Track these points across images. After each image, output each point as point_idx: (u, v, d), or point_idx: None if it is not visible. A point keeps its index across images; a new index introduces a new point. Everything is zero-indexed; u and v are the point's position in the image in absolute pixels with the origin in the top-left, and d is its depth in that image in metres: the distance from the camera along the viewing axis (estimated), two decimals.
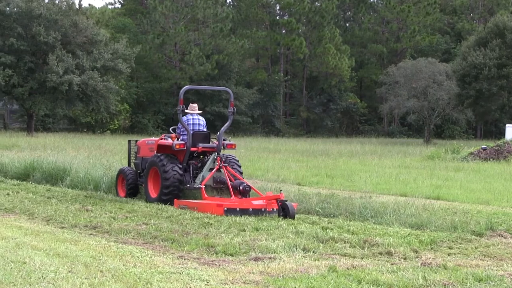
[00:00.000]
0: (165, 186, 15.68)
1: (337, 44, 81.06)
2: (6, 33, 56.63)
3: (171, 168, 15.74)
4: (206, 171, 15.98)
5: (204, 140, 16.66)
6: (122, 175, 17.56)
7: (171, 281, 8.40)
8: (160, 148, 16.53)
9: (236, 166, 16.56)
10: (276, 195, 14.35)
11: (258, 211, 14.08)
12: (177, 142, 16.16)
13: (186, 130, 16.40)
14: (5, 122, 77.09)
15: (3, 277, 8.27)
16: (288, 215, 13.70)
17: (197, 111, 17.28)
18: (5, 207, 14.91)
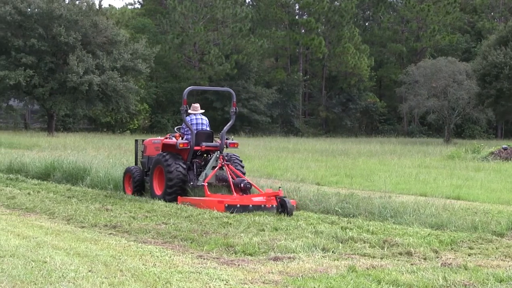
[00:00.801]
0: (169, 184, 16.16)
1: (356, 44, 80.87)
2: (27, 33, 56.96)
3: (175, 166, 16.21)
4: (209, 169, 16.45)
5: (208, 139, 17.09)
6: (129, 174, 18.00)
7: (191, 281, 8.41)
8: (165, 147, 17.02)
9: (238, 164, 16.92)
10: (275, 192, 14.84)
11: (258, 207, 14.57)
12: (181, 141, 16.67)
13: (189, 129, 16.81)
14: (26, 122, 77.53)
15: (24, 276, 8.32)
16: (286, 211, 14.13)
17: (199, 111, 17.63)
18: (26, 206, 15.00)
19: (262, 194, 15.33)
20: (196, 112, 17.51)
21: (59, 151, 29.47)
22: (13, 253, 9.67)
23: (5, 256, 9.48)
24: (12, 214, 14.06)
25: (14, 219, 13.33)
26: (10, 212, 14.37)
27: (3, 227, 12.19)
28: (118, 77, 56.96)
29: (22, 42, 55.95)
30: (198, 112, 17.56)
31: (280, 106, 78.87)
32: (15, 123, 74.75)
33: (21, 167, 23.20)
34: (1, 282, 8.05)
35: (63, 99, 57.34)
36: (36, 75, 55.92)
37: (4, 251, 9.77)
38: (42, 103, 60.31)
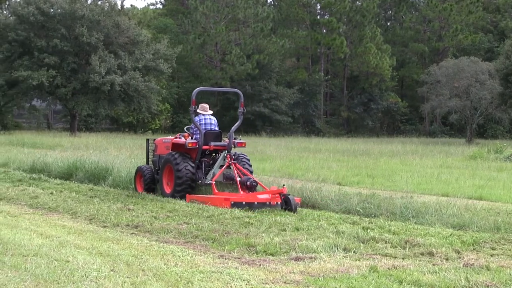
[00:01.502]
0: (178, 182, 16.60)
1: (378, 44, 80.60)
2: (50, 34, 57.35)
3: (184, 165, 16.67)
4: (216, 168, 16.87)
5: (216, 139, 17.45)
6: (140, 172, 18.44)
7: (212, 281, 8.43)
8: (175, 146, 17.47)
9: (246, 163, 17.31)
10: (279, 189, 15.27)
11: (263, 204, 14.96)
12: (190, 141, 17.11)
13: (198, 129, 17.22)
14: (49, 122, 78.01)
15: (47, 275, 8.38)
16: (290, 208, 14.59)
17: (208, 111, 18.01)
18: (49, 206, 15.09)
19: (267, 192, 15.64)
20: (205, 113, 17.88)
21: (81, 151, 29.64)
22: (36, 252, 9.74)
23: (29, 255, 9.55)
24: (35, 214, 14.16)
25: (37, 219, 13.42)
26: (33, 212, 14.47)
27: (26, 226, 12.28)
28: (140, 77, 57.22)
29: (45, 42, 56.35)
30: (207, 112, 17.94)
31: (302, 106, 78.80)
32: (38, 123, 75.21)
33: (44, 167, 23.34)
34: (24, 280, 8.12)
35: (85, 99, 57.68)
36: (59, 75, 56.29)
37: (28, 250, 9.84)
38: (64, 103, 60.70)
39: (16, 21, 57.45)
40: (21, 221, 13.02)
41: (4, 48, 57.17)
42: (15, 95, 58.85)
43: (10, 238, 10.84)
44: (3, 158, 27.47)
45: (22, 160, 25.62)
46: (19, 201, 16.12)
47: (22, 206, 15.40)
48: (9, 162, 26.08)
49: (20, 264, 8.95)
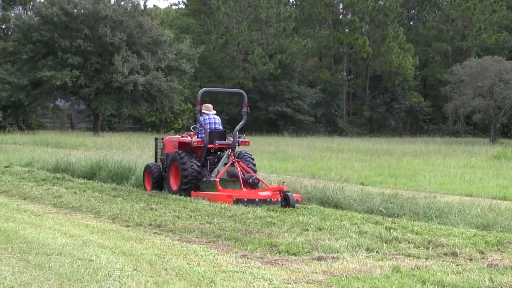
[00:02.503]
0: (184, 180, 17.15)
1: (401, 43, 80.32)
2: (74, 34, 57.70)
3: (189, 163, 17.24)
4: (221, 165, 17.44)
5: (220, 137, 18.09)
6: (148, 170, 18.96)
7: (234, 280, 8.43)
8: (181, 145, 18.08)
9: (250, 161, 17.86)
10: (279, 186, 15.91)
11: (264, 201, 15.59)
12: (195, 140, 17.64)
13: (203, 128, 17.79)
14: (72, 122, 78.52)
15: (70, 274, 8.43)
16: (289, 204, 15.04)
17: (212, 111, 18.60)
18: (73, 205, 15.17)
19: (268, 189, 16.26)
20: (209, 112, 18.45)
21: (104, 150, 29.76)
22: (60, 251, 9.80)
23: (52, 254, 9.61)
24: (58, 213, 14.24)
25: (60, 218, 13.50)
26: (57, 211, 14.55)
27: (50, 225, 12.35)
28: (163, 77, 57.42)
29: (68, 43, 56.70)
30: (211, 112, 18.52)
31: (324, 105, 78.72)
32: (62, 123, 75.75)
33: (67, 167, 23.48)
34: (48, 279, 8.17)
35: (108, 99, 57.97)
36: (82, 76, 56.62)
37: (52, 249, 9.90)
38: (88, 103, 61.05)
39: (40, 21, 57.86)
40: (45, 220, 13.10)
41: (29, 49, 57.60)
42: (39, 95, 59.28)
43: (34, 237, 10.91)
44: (27, 158, 27.68)
45: (46, 160, 25.78)
46: (43, 200, 16.22)
47: (46, 205, 15.51)
48: (33, 161, 26.26)
49: (44, 263, 9.00)
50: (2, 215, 13.49)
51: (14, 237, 10.81)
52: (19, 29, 59.62)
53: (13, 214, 13.68)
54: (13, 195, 17.29)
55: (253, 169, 17.58)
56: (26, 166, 25.75)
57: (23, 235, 11.10)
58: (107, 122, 70.11)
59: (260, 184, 17.01)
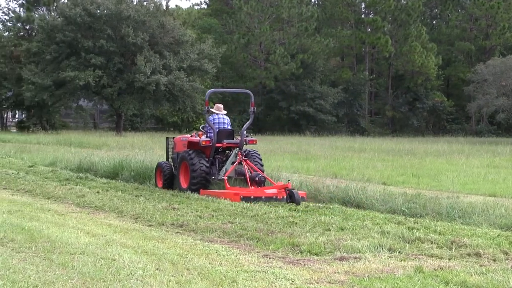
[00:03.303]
0: (193, 178, 17.67)
1: (423, 42, 79.95)
2: (97, 35, 57.98)
3: (198, 162, 17.73)
4: (228, 164, 17.89)
5: (229, 137, 18.49)
6: (160, 168, 19.41)
7: (256, 280, 8.44)
8: (190, 144, 18.52)
9: (257, 160, 18.36)
10: (285, 184, 16.24)
11: (270, 198, 16.00)
12: (204, 139, 18.10)
13: (211, 128, 18.25)
14: (95, 122, 78.97)
15: (94, 273, 8.47)
16: (294, 201, 15.47)
17: (222, 111, 19.02)
18: (95, 205, 15.25)
19: (274, 187, 16.60)
20: (219, 112, 18.89)
21: (127, 150, 29.88)
22: (83, 250, 9.86)
23: (76, 253, 9.67)
24: (82, 212, 14.32)
25: (84, 217, 13.57)
26: (80, 210, 14.63)
27: (73, 225, 12.42)
28: (185, 77, 57.55)
29: (91, 43, 56.98)
30: (221, 112, 18.94)
31: (346, 105, 78.57)
32: (85, 122, 76.20)
33: (90, 166, 23.60)
34: (72, 278, 8.22)
35: (131, 99, 58.20)
36: (105, 76, 56.89)
37: (75, 249, 9.96)
38: (110, 103, 61.34)
39: (64, 22, 58.20)
40: (68, 219, 13.18)
41: (52, 49, 57.98)
42: (62, 95, 59.65)
43: (57, 236, 10.98)
44: (50, 158, 27.87)
45: (69, 160, 25.94)
46: (66, 200, 16.31)
47: (69, 204, 15.59)
48: (56, 161, 26.44)
49: (68, 262, 9.06)
50: (26, 214, 13.59)
51: (38, 236, 10.89)
52: (43, 29, 60.03)
53: (37, 214, 13.78)
54: (37, 195, 17.41)
55: (261, 168, 18.06)
56: (49, 165, 25.93)
57: (47, 234, 11.17)
58: (129, 122, 70.38)
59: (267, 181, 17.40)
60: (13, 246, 10.13)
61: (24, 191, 18.25)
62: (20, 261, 9.12)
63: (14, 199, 16.37)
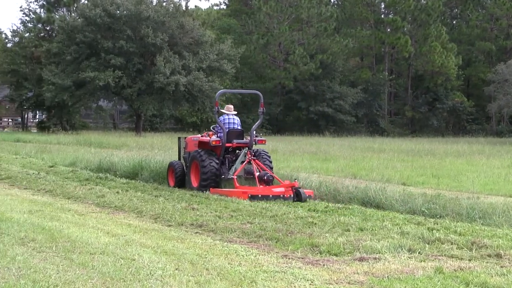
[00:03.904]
0: (203, 177, 18.04)
1: (443, 42, 79.62)
2: (116, 35, 58.20)
3: (208, 161, 18.13)
4: (238, 163, 18.24)
5: (238, 137, 18.87)
6: (172, 168, 19.86)
7: (276, 280, 8.43)
8: (201, 144, 18.96)
9: (267, 159, 18.61)
10: (291, 183, 16.67)
11: (277, 196, 16.41)
12: (214, 139, 18.53)
13: (221, 128, 18.58)
14: (115, 122, 79.26)
15: (113, 273, 8.50)
16: (300, 200, 15.93)
17: (232, 111, 19.41)
18: (115, 205, 15.30)
19: (281, 185, 16.99)
20: (229, 113, 19.27)
21: (146, 150, 29.98)
22: (103, 250, 9.89)
23: (96, 253, 9.70)
24: (101, 212, 14.37)
25: (103, 217, 13.62)
26: (100, 210, 14.69)
27: (93, 225, 12.47)
28: (204, 77, 57.61)
29: (111, 43, 57.20)
30: (231, 112, 19.32)
31: (365, 105, 78.40)
32: (105, 123, 76.51)
33: (110, 166, 23.68)
34: (92, 278, 8.26)
35: (150, 100, 58.34)
36: (125, 76, 57.09)
37: (95, 248, 10.00)
38: (130, 103, 61.55)
39: (84, 23, 58.47)
40: (88, 219, 13.23)
41: (72, 50, 58.27)
42: (82, 96, 59.94)
43: (77, 236, 11.03)
44: (71, 158, 28.00)
45: (89, 160, 26.05)
46: (86, 200, 16.39)
47: (89, 204, 15.66)
48: (76, 161, 26.56)
49: (88, 262, 9.10)
50: (47, 214, 13.67)
51: (58, 236, 10.94)
52: (63, 30, 60.36)
53: (57, 213, 13.85)
54: (57, 195, 17.50)
55: (270, 167, 18.35)
56: (69, 166, 26.05)
57: (67, 234, 11.23)
58: (149, 122, 70.59)
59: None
60: (34, 245, 10.19)
61: (45, 191, 18.35)
62: (41, 261, 9.18)
63: (34, 199, 16.47)
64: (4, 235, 10.93)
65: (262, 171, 17.78)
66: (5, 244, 10.11)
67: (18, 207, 14.59)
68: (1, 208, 14.15)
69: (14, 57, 67.18)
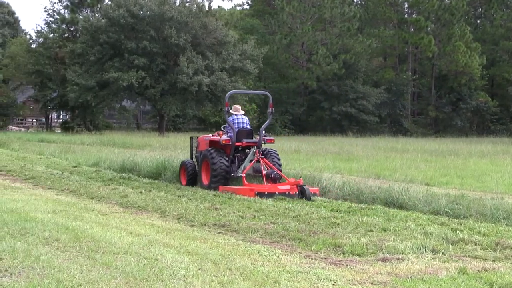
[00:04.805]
0: (213, 175, 18.57)
1: (467, 42, 79.14)
2: (140, 36, 58.44)
3: (218, 159, 18.64)
4: (247, 162, 18.75)
5: (248, 136, 19.35)
6: (184, 166, 20.35)
7: (299, 280, 8.43)
8: (212, 143, 19.57)
9: (275, 158, 19.14)
10: (297, 181, 17.16)
11: (283, 194, 16.87)
12: (224, 138, 19.07)
13: (231, 128, 19.17)
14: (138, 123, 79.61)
15: (137, 273, 8.53)
16: (305, 197, 16.47)
17: (241, 112, 20.06)
18: (138, 205, 15.35)
19: (287, 183, 17.48)
20: (238, 113, 19.85)
21: (169, 150, 30.04)
22: (126, 250, 9.93)
23: (119, 253, 9.74)
24: (125, 212, 14.42)
25: (127, 217, 13.67)
26: (123, 210, 14.74)
27: (116, 225, 12.52)
28: (227, 77, 57.68)
29: (134, 44, 57.45)
30: (240, 113, 19.93)
31: (389, 105, 78.13)
32: (128, 123, 76.85)
33: (133, 167, 23.78)
34: (115, 278, 8.29)
35: (173, 100, 58.53)
36: (148, 76, 57.30)
37: (118, 248, 10.04)
38: (153, 103, 61.77)
39: (107, 23, 58.78)
40: (112, 219, 13.29)
41: (96, 50, 58.60)
42: (106, 96, 60.25)
43: (101, 236, 11.08)
44: (94, 158, 28.15)
45: (113, 160, 26.16)
46: (110, 200, 16.45)
47: (112, 204, 15.72)
48: (100, 161, 26.69)
49: (111, 262, 9.14)
50: (71, 214, 13.74)
51: (82, 236, 11.00)
52: (87, 31, 60.73)
53: (81, 213, 13.92)
54: (81, 195, 17.59)
55: (278, 166, 18.84)
56: (93, 166, 26.18)
57: (91, 233, 11.28)
58: (172, 122, 70.81)
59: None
60: (58, 245, 10.25)
61: (69, 191, 18.45)
62: (65, 260, 9.23)
63: (58, 199, 16.57)
64: (28, 234, 11.00)
65: (270, 169, 18.30)
66: (29, 244, 10.17)
67: (42, 207, 14.69)
68: (25, 208, 14.25)
69: (38, 57, 67.67)
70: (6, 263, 8.92)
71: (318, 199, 16.63)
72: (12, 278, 8.25)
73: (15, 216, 12.94)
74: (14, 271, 8.52)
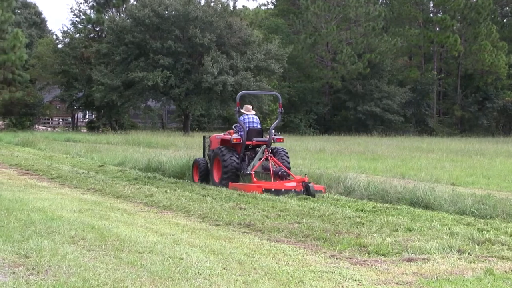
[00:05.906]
0: (224, 171, 19.24)
1: (493, 41, 78.52)
2: (165, 36, 58.63)
3: (229, 157, 19.30)
4: (256, 160, 19.38)
5: (258, 135, 20.08)
6: (196, 164, 20.97)
7: (323, 280, 8.42)
8: (223, 142, 20.29)
9: (284, 156, 19.66)
10: (302, 178, 17.81)
11: (289, 191, 17.45)
12: (235, 137, 19.79)
13: (242, 127, 19.81)
14: (163, 122, 79.83)
15: (162, 272, 8.57)
16: (309, 194, 17.01)
17: (252, 111, 20.64)
18: (163, 204, 15.41)
19: (293, 180, 18.02)
20: (249, 113, 20.41)
21: (194, 150, 30.14)
22: (151, 249, 9.97)
23: (144, 252, 9.78)
24: (150, 212, 14.48)
25: (152, 217, 13.72)
26: (148, 210, 14.80)
27: (142, 224, 12.57)
28: (252, 77, 57.70)
29: (159, 44, 57.64)
30: (251, 112, 20.50)
31: (414, 105, 77.75)
32: (153, 123, 77.09)
33: (158, 166, 23.87)
34: (140, 277, 8.33)
35: (198, 100, 58.65)
36: (173, 76, 57.47)
37: (143, 247, 10.08)
38: (178, 103, 61.91)
39: (133, 23, 59.05)
40: (137, 218, 13.35)
41: (121, 50, 58.88)
42: (131, 96, 60.49)
43: (126, 235, 11.13)
44: (120, 157, 28.29)
45: (138, 159, 26.28)
46: (135, 199, 16.53)
47: (137, 204, 15.79)
48: (125, 161, 26.82)
49: (136, 261, 9.18)
50: (96, 213, 13.82)
51: (107, 235, 11.06)
52: (112, 31, 61.01)
53: (106, 212, 13.99)
54: (107, 194, 17.69)
55: (287, 164, 19.31)
56: (118, 165, 26.32)
57: (116, 233, 11.34)
58: (196, 122, 70.96)
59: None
60: (84, 244, 10.31)
61: (94, 190, 18.56)
62: (91, 259, 9.29)
63: (84, 198, 16.67)
64: (55, 233, 11.08)
65: (277, 167, 18.80)
66: (56, 243, 10.24)
67: (68, 206, 14.79)
68: (52, 207, 14.35)
69: (64, 57, 68.07)
70: (33, 261, 9.00)
71: (343, 199, 16.62)
72: (39, 276, 8.31)
73: (41, 215, 13.04)
74: (41, 270, 8.58)
